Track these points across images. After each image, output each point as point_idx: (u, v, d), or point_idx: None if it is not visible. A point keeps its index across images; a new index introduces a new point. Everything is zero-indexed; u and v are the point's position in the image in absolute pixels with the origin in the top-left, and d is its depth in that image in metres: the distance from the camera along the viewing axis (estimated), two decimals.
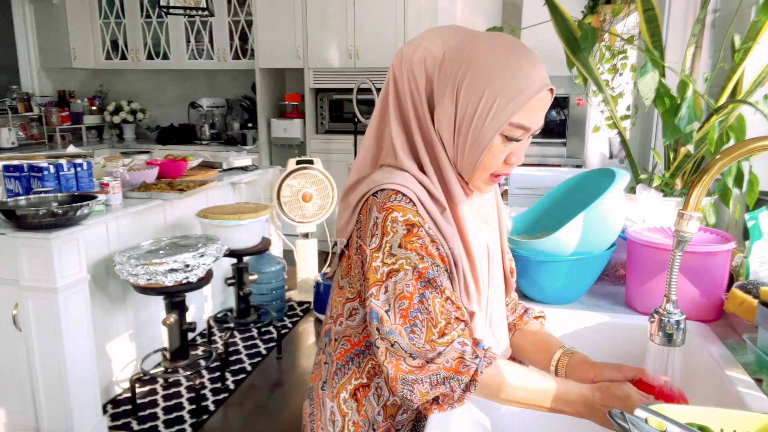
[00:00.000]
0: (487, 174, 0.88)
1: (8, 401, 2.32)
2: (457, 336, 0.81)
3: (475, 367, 0.80)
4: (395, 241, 0.83)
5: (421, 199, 0.86)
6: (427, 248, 0.83)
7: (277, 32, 4.76)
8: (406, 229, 0.83)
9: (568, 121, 4.30)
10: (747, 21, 1.49)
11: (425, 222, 0.85)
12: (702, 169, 0.84)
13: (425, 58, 0.87)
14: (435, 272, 0.83)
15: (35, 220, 2.10)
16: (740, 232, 1.53)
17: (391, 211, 0.84)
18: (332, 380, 0.96)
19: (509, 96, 0.81)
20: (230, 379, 2.91)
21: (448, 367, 0.79)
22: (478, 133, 0.83)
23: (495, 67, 0.82)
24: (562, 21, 1.60)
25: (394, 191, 0.85)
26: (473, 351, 0.81)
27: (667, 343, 0.87)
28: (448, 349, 0.80)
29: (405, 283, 0.82)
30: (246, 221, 2.95)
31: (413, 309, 0.81)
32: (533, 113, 0.83)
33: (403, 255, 0.83)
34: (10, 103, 5.03)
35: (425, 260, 0.82)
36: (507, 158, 0.86)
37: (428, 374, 0.79)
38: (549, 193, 1.44)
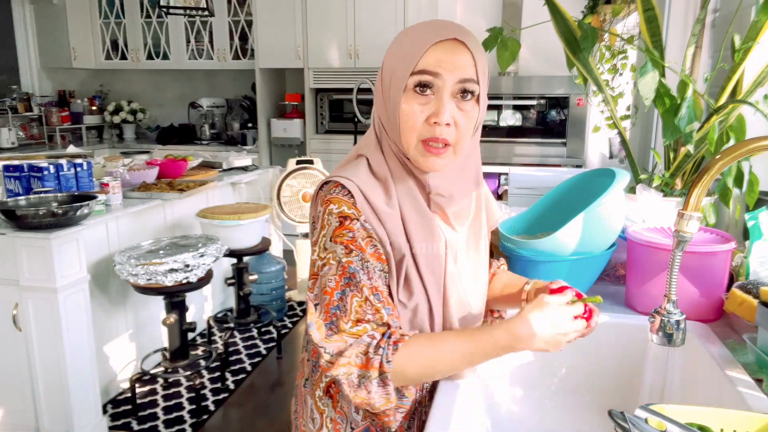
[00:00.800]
0: (414, 139, 0.83)
1: (8, 401, 2.32)
2: (369, 329, 0.79)
3: (379, 358, 0.77)
4: (328, 234, 0.83)
5: (363, 190, 0.84)
6: (356, 242, 0.82)
7: (277, 32, 4.76)
8: (338, 222, 0.83)
9: (568, 121, 4.30)
10: (747, 21, 1.49)
11: (361, 215, 0.83)
12: (702, 169, 0.84)
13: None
14: (359, 267, 0.81)
15: (35, 220, 2.10)
16: (740, 232, 1.53)
17: (329, 203, 0.84)
18: (312, 377, 0.96)
19: (405, 52, 0.81)
20: (230, 379, 2.91)
21: (359, 363, 0.78)
22: (390, 98, 0.83)
23: (398, 39, 0.85)
24: (562, 21, 1.60)
25: (336, 184, 0.85)
26: (377, 343, 0.78)
27: (667, 343, 0.87)
28: (356, 342, 0.78)
29: (329, 278, 0.81)
30: (246, 221, 2.95)
31: (333, 305, 0.80)
32: (440, 60, 0.79)
33: (331, 249, 0.82)
34: (10, 103, 5.03)
35: (351, 255, 0.81)
36: (428, 118, 0.81)
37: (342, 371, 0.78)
38: (549, 193, 1.44)
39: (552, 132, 4.42)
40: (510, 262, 1.36)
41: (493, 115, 4.47)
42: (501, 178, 4.12)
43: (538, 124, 4.46)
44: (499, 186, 4.14)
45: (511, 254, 1.32)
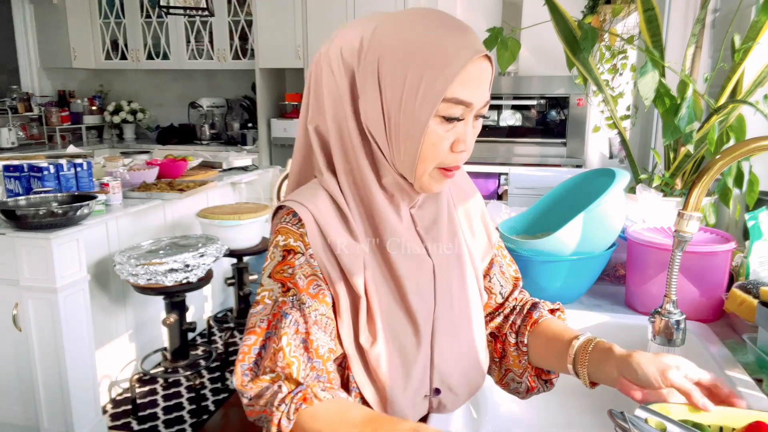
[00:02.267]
0: (431, 167, 0.74)
1: (8, 401, 2.32)
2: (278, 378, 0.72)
3: (279, 415, 0.69)
4: (269, 268, 0.76)
5: (318, 220, 0.75)
6: (294, 278, 0.74)
7: (277, 32, 4.75)
8: (281, 256, 0.75)
9: (568, 121, 4.30)
10: (747, 21, 1.49)
11: (308, 248, 0.75)
12: (702, 169, 0.84)
13: (342, 48, 0.76)
14: (292, 308, 0.73)
15: (35, 220, 2.10)
16: (740, 232, 1.53)
17: (277, 234, 0.76)
18: None
19: (437, 68, 0.69)
20: (230, 379, 2.91)
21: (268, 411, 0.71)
22: (411, 117, 0.71)
23: (416, 40, 0.70)
24: (562, 21, 1.60)
25: (288, 211, 0.77)
26: (283, 398, 0.70)
27: (667, 343, 0.87)
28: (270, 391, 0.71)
29: (261, 317, 0.74)
30: (246, 221, 2.95)
31: (256, 346, 0.74)
32: (471, 85, 0.71)
33: (269, 286, 0.75)
34: (10, 103, 5.03)
35: (288, 294, 0.74)
36: (452, 145, 0.73)
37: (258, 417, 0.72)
38: (549, 193, 1.44)
39: (552, 132, 4.42)
40: None
41: (493, 115, 4.47)
42: (501, 178, 4.12)
43: (538, 124, 4.46)
44: (499, 186, 4.14)
45: (511, 254, 1.32)
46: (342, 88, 0.76)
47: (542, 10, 1.68)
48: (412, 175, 0.76)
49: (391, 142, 0.75)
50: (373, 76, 0.73)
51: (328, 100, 0.77)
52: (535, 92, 4.33)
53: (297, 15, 4.68)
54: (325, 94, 0.77)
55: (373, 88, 0.73)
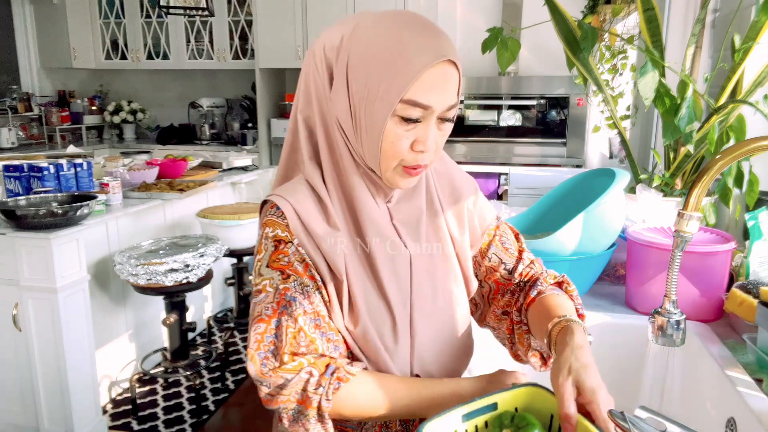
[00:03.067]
0: (394, 164, 0.77)
1: (8, 401, 2.32)
2: (306, 364, 0.75)
3: (318, 398, 0.73)
4: (265, 259, 0.79)
5: (298, 211, 0.79)
6: (292, 265, 0.78)
7: (277, 32, 4.75)
8: (273, 246, 0.79)
9: (568, 121, 4.30)
10: (747, 21, 1.49)
11: (294, 237, 0.79)
12: (702, 169, 0.84)
13: (325, 44, 0.79)
14: (297, 293, 0.77)
15: (35, 220, 2.10)
16: (740, 232, 1.53)
17: (265, 226, 0.80)
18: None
19: (397, 69, 0.72)
20: (230, 379, 2.91)
21: (294, 398, 0.74)
22: (372, 116, 0.75)
23: (381, 42, 0.73)
24: (562, 21, 1.60)
25: (272, 204, 0.81)
26: (318, 381, 0.74)
27: (667, 343, 0.87)
28: (295, 380, 0.74)
29: (265, 305, 0.77)
30: (246, 221, 2.95)
31: (268, 333, 0.76)
32: (430, 89, 0.73)
33: (268, 275, 0.78)
34: (10, 103, 5.03)
35: (289, 281, 0.77)
36: (412, 145, 0.76)
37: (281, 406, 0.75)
38: (549, 193, 1.44)
39: (552, 132, 4.42)
40: None
41: (492, 115, 4.47)
42: (501, 178, 4.12)
43: (538, 124, 4.46)
44: (499, 186, 4.14)
45: None
46: (324, 84, 0.79)
47: (542, 10, 1.68)
48: (379, 170, 0.79)
49: (358, 137, 0.78)
50: (343, 73, 0.76)
51: (314, 93, 0.81)
52: (535, 92, 4.33)
53: (297, 15, 4.68)
54: (312, 88, 0.81)
55: (342, 85, 0.77)
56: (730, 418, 0.94)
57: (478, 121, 4.46)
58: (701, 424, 1.03)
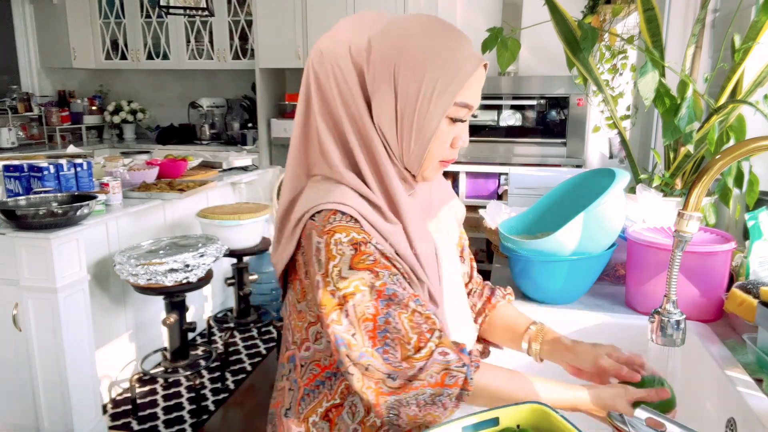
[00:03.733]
0: (435, 162, 0.85)
1: (8, 401, 2.32)
2: (434, 347, 0.76)
3: (464, 375, 0.75)
4: (344, 263, 0.78)
5: (363, 213, 0.80)
6: (379, 263, 0.79)
7: (277, 32, 4.75)
8: (353, 250, 0.78)
9: (568, 121, 4.30)
10: (747, 21, 1.49)
11: (371, 238, 0.80)
12: (702, 169, 0.84)
13: (350, 48, 0.81)
14: (394, 285, 0.78)
15: (35, 220, 2.10)
16: (740, 232, 1.53)
17: (332, 233, 0.78)
18: (298, 406, 0.90)
19: (450, 75, 0.78)
20: (230, 379, 2.91)
21: (433, 382, 0.74)
22: (424, 119, 0.80)
23: (428, 46, 0.78)
24: (562, 21, 1.60)
25: (332, 211, 0.79)
26: (458, 358, 0.76)
27: (667, 343, 0.87)
28: (429, 363, 0.75)
29: (365, 305, 0.77)
30: (246, 221, 2.95)
31: (380, 330, 0.76)
32: (473, 90, 0.81)
33: (356, 276, 0.77)
34: (10, 103, 5.03)
35: (381, 276, 0.78)
36: (453, 142, 0.84)
37: (413, 393, 0.74)
38: (549, 193, 1.44)
39: (552, 132, 4.41)
40: (510, 262, 1.36)
41: (492, 115, 4.47)
42: (501, 178, 4.12)
43: (538, 124, 4.46)
44: (499, 186, 4.14)
45: (511, 254, 1.32)
46: (352, 86, 0.81)
47: (542, 10, 1.68)
48: (418, 169, 0.84)
49: (402, 139, 0.82)
50: (389, 78, 0.79)
51: (338, 97, 0.82)
52: (535, 92, 4.33)
53: (297, 15, 4.68)
54: (336, 92, 0.82)
55: (388, 89, 0.79)
56: (730, 418, 0.94)
57: (478, 121, 4.46)
58: (701, 424, 1.03)
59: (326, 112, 0.83)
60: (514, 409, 0.70)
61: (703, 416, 1.05)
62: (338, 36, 0.82)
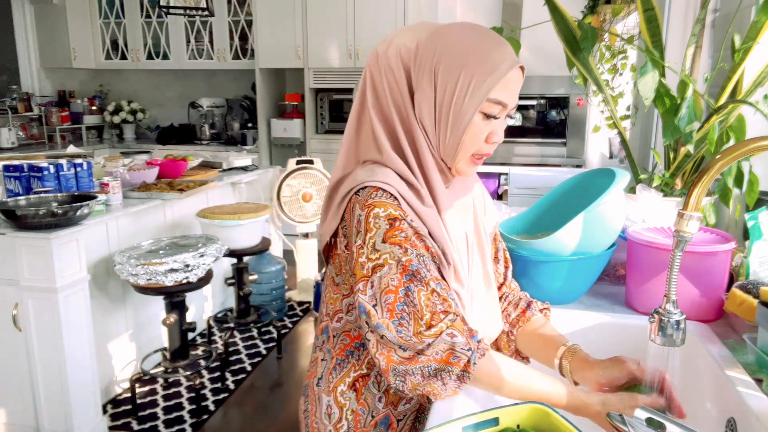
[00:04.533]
0: (468, 154, 0.90)
1: (8, 401, 2.32)
2: (445, 327, 0.81)
3: (467, 358, 0.80)
4: (378, 236, 0.85)
5: (402, 193, 0.88)
6: (410, 240, 0.85)
7: (277, 32, 4.76)
8: (388, 224, 0.85)
9: (568, 121, 4.30)
10: (747, 21, 1.49)
11: (407, 215, 0.87)
12: (702, 169, 0.84)
13: (400, 50, 0.90)
14: (419, 264, 0.84)
15: (35, 220, 2.10)
16: (740, 232, 1.53)
17: (372, 207, 0.86)
18: (329, 376, 0.97)
19: (485, 73, 0.85)
20: (230, 379, 2.91)
21: (439, 358, 0.80)
22: (459, 112, 0.87)
23: (467, 48, 0.86)
24: (562, 21, 1.60)
25: (374, 188, 0.87)
26: (466, 342, 0.81)
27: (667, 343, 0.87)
28: (437, 341, 0.80)
29: (390, 277, 0.83)
30: (246, 221, 2.95)
31: (399, 302, 0.82)
32: (508, 89, 0.87)
33: (386, 249, 0.84)
34: (10, 103, 5.03)
35: (408, 253, 0.84)
36: (488, 137, 0.89)
37: (419, 365, 0.80)
38: (549, 193, 1.44)
39: (552, 132, 4.42)
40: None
41: None
42: (501, 178, 4.12)
43: (538, 124, 4.46)
44: (499, 186, 4.14)
45: (511, 254, 1.32)
46: (400, 84, 0.90)
47: (542, 10, 1.68)
48: (452, 160, 0.91)
49: (439, 131, 0.89)
50: (430, 74, 0.87)
51: (389, 93, 0.91)
52: (535, 92, 4.33)
53: (297, 15, 4.68)
54: (387, 88, 0.91)
55: (429, 85, 0.88)
56: (730, 418, 0.94)
57: None
58: (701, 424, 1.03)
59: (378, 106, 0.92)
60: (514, 409, 0.70)
61: (703, 416, 1.05)
62: (393, 41, 0.92)
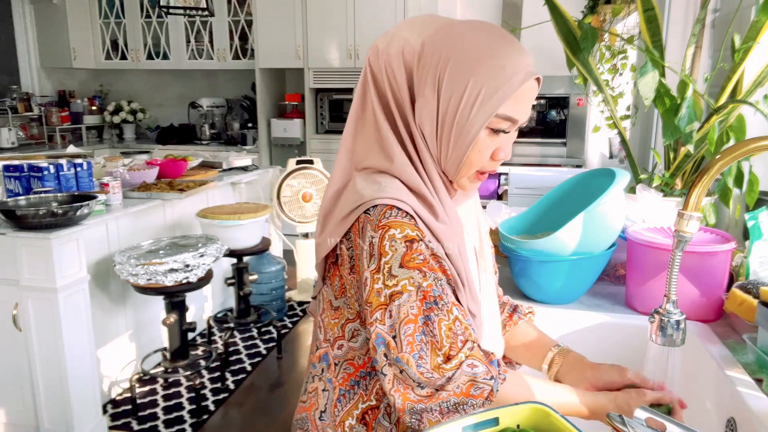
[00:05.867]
0: (472, 171, 0.83)
1: (8, 401, 2.32)
2: (464, 358, 0.76)
3: (490, 388, 0.75)
4: (395, 260, 0.77)
5: (417, 211, 0.79)
6: (428, 263, 0.78)
7: (277, 32, 4.76)
8: (405, 247, 0.77)
9: (568, 121, 4.30)
10: (747, 21, 1.49)
11: (425, 236, 0.79)
12: (702, 169, 0.84)
13: (403, 48, 0.81)
14: (439, 289, 0.77)
15: (35, 220, 2.10)
16: (740, 232, 1.53)
17: (387, 228, 0.77)
18: (334, 408, 0.88)
19: (495, 85, 0.76)
20: (230, 379, 2.91)
21: (459, 392, 0.75)
22: (463, 127, 0.78)
23: (478, 54, 0.77)
24: (562, 21, 1.60)
25: (388, 206, 0.78)
26: (487, 370, 0.76)
27: (667, 343, 0.87)
28: (458, 374, 0.75)
29: (409, 305, 0.76)
30: (246, 221, 2.95)
31: (418, 332, 0.76)
32: (520, 104, 0.79)
33: (404, 275, 0.76)
34: (10, 103, 5.03)
35: (428, 277, 0.77)
36: (493, 153, 0.81)
37: (438, 402, 0.75)
38: (549, 193, 1.44)
39: (552, 132, 4.41)
40: (510, 262, 1.36)
41: None
42: (501, 178, 4.12)
43: (538, 124, 4.45)
44: (499, 186, 4.14)
45: (511, 254, 1.32)
46: (401, 86, 0.81)
47: (542, 10, 1.68)
48: (455, 175, 0.83)
49: (441, 143, 0.81)
50: (433, 81, 0.78)
51: (390, 93, 0.82)
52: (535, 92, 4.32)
53: (297, 15, 4.68)
54: (388, 89, 0.82)
55: (432, 93, 0.79)
56: (730, 418, 0.94)
57: None
58: (701, 424, 1.03)
59: (383, 104, 0.84)
60: (514, 409, 0.70)
61: (703, 416, 1.05)
62: (395, 35, 0.83)
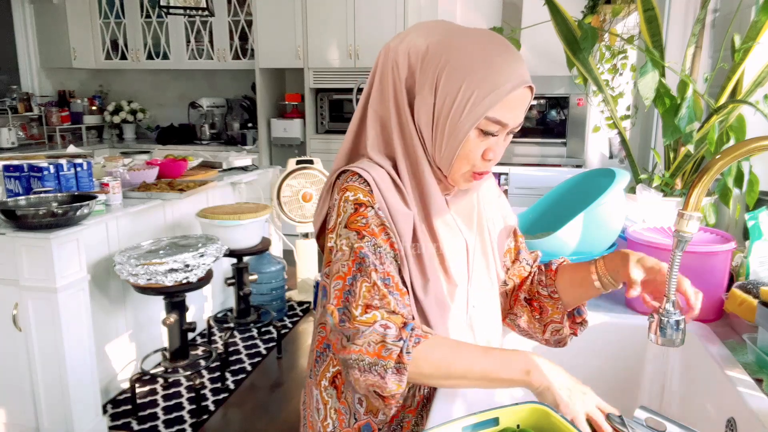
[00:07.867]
0: (465, 169, 0.88)
1: (8, 401, 2.32)
2: (379, 317, 0.79)
3: (398, 349, 0.77)
4: (342, 221, 0.85)
5: (378, 183, 0.86)
6: (370, 228, 0.84)
7: (277, 32, 4.76)
8: (353, 208, 0.85)
9: (568, 121, 4.30)
10: (747, 21, 1.49)
11: (375, 203, 0.85)
12: (702, 169, 0.84)
13: (410, 49, 0.87)
14: (369, 252, 0.82)
15: (35, 220, 2.10)
16: (740, 232, 1.53)
17: (345, 191, 0.86)
18: (314, 368, 0.97)
19: (486, 90, 0.81)
20: (230, 379, 2.91)
21: (371, 351, 0.77)
22: (455, 126, 0.84)
23: (474, 60, 0.82)
24: (562, 21, 1.60)
25: (352, 173, 0.87)
26: (398, 334, 0.78)
27: (667, 344, 0.87)
28: (369, 331, 0.78)
29: (342, 263, 0.83)
30: (246, 221, 2.95)
31: (345, 290, 0.82)
32: (510, 110, 0.83)
33: (345, 235, 0.84)
34: (10, 103, 5.03)
35: (364, 240, 0.83)
36: (484, 154, 0.86)
37: (354, 357, 0.78)
38: (549, 193, 1.44)
39: (552, 132, 4.41)
40: None
41: None
42: (501, 178, 4.12)
43: (538, 124, 4.45)
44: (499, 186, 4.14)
45: None
46: (402, 83, 0.87)
47: (542, 10, 1.68)
48: (447, 171, 0.88)
49: (435, 140, 0.87)
50: (432, 81, 0.84)
51: (391, 92, 0.89)
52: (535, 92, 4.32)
53: (297, 15, 4.68)
54: (390, 87, 0.89)
55: (430, 92, 0.85)
56: (730, 418, 0.94)
57: None
58: (701, 424, 1.03)
59: (379, 102, 0.90)
60: (514, 409, 0.70)
61: (703, 416, 1.05)
62: (405, 37, 0.89)
